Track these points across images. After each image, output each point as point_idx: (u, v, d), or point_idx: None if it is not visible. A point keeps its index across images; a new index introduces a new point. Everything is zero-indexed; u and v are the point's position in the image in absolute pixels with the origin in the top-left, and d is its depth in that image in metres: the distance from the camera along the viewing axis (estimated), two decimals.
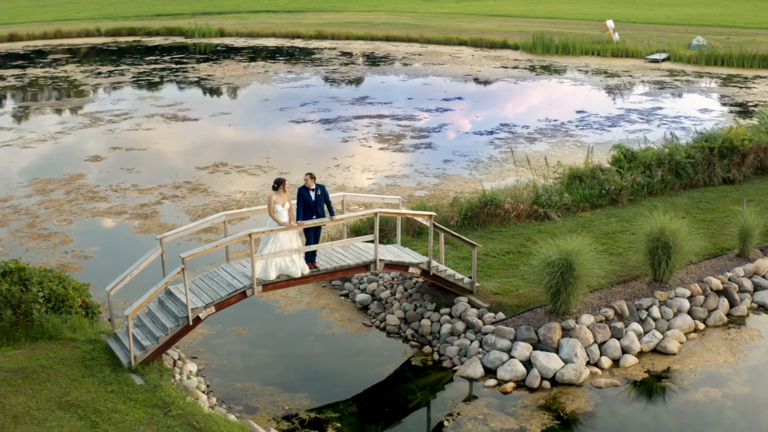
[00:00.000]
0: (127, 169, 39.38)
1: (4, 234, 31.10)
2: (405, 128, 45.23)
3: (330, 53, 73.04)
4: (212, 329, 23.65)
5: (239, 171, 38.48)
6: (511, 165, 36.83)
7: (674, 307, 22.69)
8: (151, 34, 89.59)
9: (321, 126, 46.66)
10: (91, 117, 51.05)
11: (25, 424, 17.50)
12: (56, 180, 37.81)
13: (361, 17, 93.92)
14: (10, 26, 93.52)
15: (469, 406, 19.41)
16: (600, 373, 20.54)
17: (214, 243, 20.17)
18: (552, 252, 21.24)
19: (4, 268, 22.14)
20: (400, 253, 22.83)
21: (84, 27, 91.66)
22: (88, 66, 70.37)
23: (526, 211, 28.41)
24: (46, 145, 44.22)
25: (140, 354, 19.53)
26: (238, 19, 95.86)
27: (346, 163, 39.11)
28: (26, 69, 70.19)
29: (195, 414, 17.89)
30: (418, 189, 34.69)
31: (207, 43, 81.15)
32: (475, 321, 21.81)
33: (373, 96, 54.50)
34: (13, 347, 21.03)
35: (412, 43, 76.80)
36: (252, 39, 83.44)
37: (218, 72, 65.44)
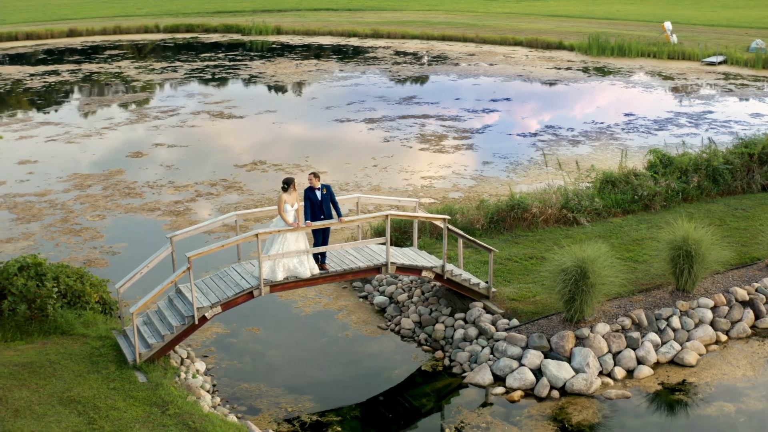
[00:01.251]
0: (166, 165, 39.65)
1: (37, 228, 31.50)
2: (448, 129, 44.86)
3: (384, 52, 72.88)
4: (227, 328, 23.63)
5: (276, 169, 38.49)
6: (549, 168, 36.23)
7: (696, 317, 22.03)
8: (209, 31, 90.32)
9: (364, 125, 46.49)
10: (138, 113, 51.59)
11: (24, 418, 17.61)
12: (95, 175, 38.22)
13: (420, 16, 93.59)
14: (70, 22, 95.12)
15: (473, 414, 19.07)
16: (612, 384, 20.04)
17: (219, 242, 20.10)
18: (566, 259, 20.72)
19: (21, 263, 22.34)
20: (414, 256, 22.54)
21: (143, 23, 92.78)
22: (143, 62, 71.22)
23: (554, 216, 27.87)
24: (90, 141, 44.77)
25: (145, 352, 19.55)
26: (296, 17, 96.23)
27: (384, 163, 38.89)
28: (81, 64, 71.27)
29: (192, 413, 17.84)
30: (453, 191, 34.33)
31: (263, 41, 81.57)
32: (488, 327, 21.43)
33: (421, 96, 54.19)
34: (26, 341, 21.22)
35: (467, 43, 76.26)
36: (308, 37, 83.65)
37: (270, 70, 65.71)
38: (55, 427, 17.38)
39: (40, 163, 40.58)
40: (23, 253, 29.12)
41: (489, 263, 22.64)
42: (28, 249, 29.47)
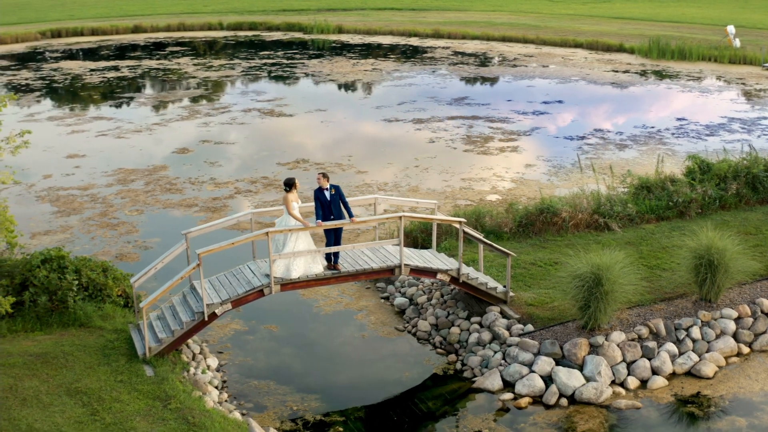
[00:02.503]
0: (210, 162, 40.03)
1: (76, 221, 32.05)
2: (496, 131, 44.51)
3: (442, 52, 72.63)
4: (245, 325, 23.78)
5: (318, 168, 38.58)
6: (592, 172, 35.67)
7: (717, 328, 21.49)
8: (272, 29, 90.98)
9: (412, 125, 46.39)
10: (190, 109, 52.20)
11: (30, 407, 17.93)
12: (139, 171, 38.75)
13: (483, 17, 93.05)
14: (136, 18, 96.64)
15: (477, 419, 18.89)
16: (623, 394, 19.66)
17: (230, 240, 20.23)
18: (580, 265, 20.38)
19: (45, 255, 22.74)
20: (431, 258, 22.38)
21: (207, 21, 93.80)
22: (202, 59, 72.03)
23: (585, 221, 27.47)
24: (139, 136, 45.43)
25: (155, 346, 19.76)
26: (360, 16, 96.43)
27: (426, 163, 38.76)
28: (142, 61, 72.36)
29: (193, 409, 17.97)
30: (491, 193, 34.06)
31: (324, 40, 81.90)
32: (502, 332, 21.20)
33: (473, 97, 53.88)
34: (45, 332, 21.61)
35: (527, 44, 75.57)
36: (369, 36, 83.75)
37: (326, 68, 65.95)
38: (59, 417, 17.65)
39: (88, 157, 41.28)
40: (59, 245, 29.62)
41: (507, 268, 22.36)
42: (64, 241, 29.99)
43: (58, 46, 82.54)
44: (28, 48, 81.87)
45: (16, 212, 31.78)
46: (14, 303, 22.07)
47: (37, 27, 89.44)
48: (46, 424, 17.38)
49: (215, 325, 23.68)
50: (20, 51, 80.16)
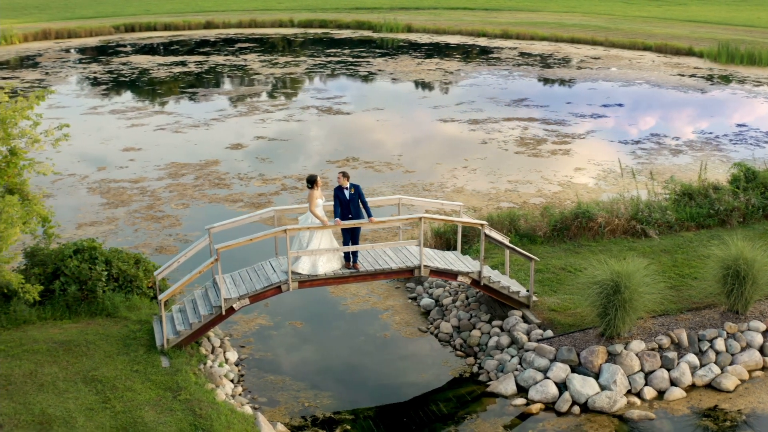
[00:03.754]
0: (261, 158, 40.45)
1: (122, 213, 32.70)
2: (550, 133, 44.10)
3: (509, 53, 72.18)
4: (271, 320, 24.02)
5: (366, 167, 38.75)
6: (642, 177, 35.12)
7: (743, 340, 20.99)
8: (342, 27, 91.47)
9: (466, 126, 46.24)
10: (249, 105, 52.79)
11: (46, 393, 18.41)
12: (191, 165, 39.35)
13: (554, 18, 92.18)
14: (209, 14, 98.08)
15: (486, 423, 18.80)
16: (638, 404, 19.34)
17: (248, 236, 20.44)
18: (599, 272, 20.11)
19: (77, 246, 23.26)
20: (454, 260, 22.30)
21: (278, 18, 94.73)
22: (269, 56, 72.74)
23: (622, 227, 27.06)
24: (196, 131, 46.13)
25: (173, 338, 20.09)
26: (431, 15, 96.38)
27: (475, 164, 38.63)
28: (210, 56, 73.41)
29: (202, 400, 18.24)
30: (536, 196, 33.79)
31: (393, 38, 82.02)
32: (520, 336, 21.03)
33: (533, 98, 53.44)
34: (73, 321, 22.14)
35: (595, 46, 74.61)
36: (437, 36, 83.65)
37: (390, 67, 66.08)
38: (72, 403, 18.08)
39: (143, 150, 42.07)
40: (102, 236, 30.34)
41: (530, 272, 22.16)
42: (108, 233, 30.64)
43: (130, 41, 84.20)
44: (101, 42, 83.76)
45: (66, 202, 32.74)
46: (44, 291, 22.65)
47: (112, 21, 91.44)
48: (58, 410, 17.80)
49: (241, 320, 23.97)
50: (93, 44, 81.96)
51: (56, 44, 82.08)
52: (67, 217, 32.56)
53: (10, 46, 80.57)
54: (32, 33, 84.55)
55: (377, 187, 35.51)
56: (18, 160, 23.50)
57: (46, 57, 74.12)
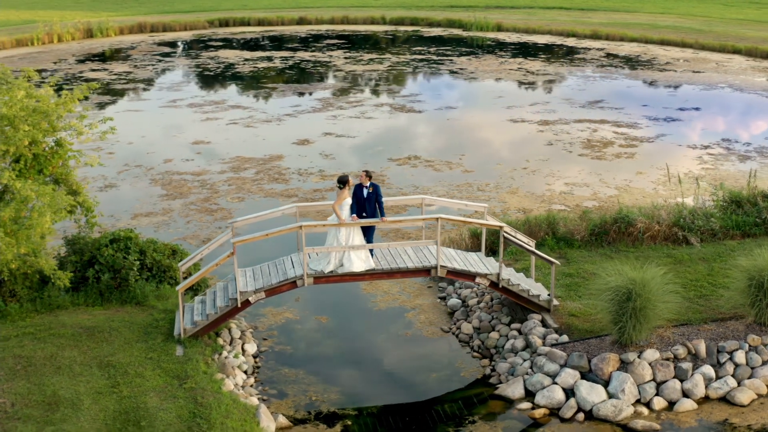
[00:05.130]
0: (325, 154, 40.93)
1: (178, 205, 33.56)
2: (619, 136, 43.40)
3: (595, 54, 71.08)
4: (299, 315, 24.42)
5: (426, 165, 38.85)
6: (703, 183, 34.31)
7: (765, 354, 20.41)
8: (432, 25, 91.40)
9: (535, 127, 45.87)
10: (324, 102, 53.38)
11: (61, 375, 19.20)
12: (255, 159, 40.06)
13: (648, 18, 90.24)
14: (304, 10, 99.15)
15: (487, 426, 18.83)
16: (646, 414, 19.04)
17: (264, 232, 20.84)
18: (613, 278, 19.84)
19: (114, 235, 24.05)
20: (475, 262, 22.26)
21: (370, 15, 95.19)
22: (354, 53, 73.26)
23: (664, 233, 26.56)
24: (268, 126, 46.92)
25: (190, 327, 20.64)
26: (525, 14, 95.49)
27: (535, 166, 38.37)
28: (296, 52, 74.34)
29: (206, 390, 18.73)
30: (590, 199, 33.40)
31: (481, 37, 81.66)
32: (534, 340, 20.90)
33: (609, 100, 52.59)
34: (104, 308, 22.96)
35: (684, 49, 72.85)
36: (526, 35, 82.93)
37: (471, 66, 65.87)
38: (83, 386, 18.81)
39: (212, 144, 43.02)
40: (155, 226, 31.23)
41: (551, 276, 21.99)
42: (161, 224, 31.50)
43: (222, 35, 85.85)
44: (194, 36, 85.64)
45: (127, 193, 33.79)
46: (80, 278, 23.47)
47: (208, 16, 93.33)
48: (69, 392, 18.53)
49: (270, 313, 24.44)
50: (185, 38, 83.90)
51: (150, 37, 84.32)
52: (125, 207, 33.58)
53: (105, 38, 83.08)
54: (128, 26, 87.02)
55: (431, 186, 35.57)
56: (63, 152, 24.33)
57: (138, 50, 76.24)
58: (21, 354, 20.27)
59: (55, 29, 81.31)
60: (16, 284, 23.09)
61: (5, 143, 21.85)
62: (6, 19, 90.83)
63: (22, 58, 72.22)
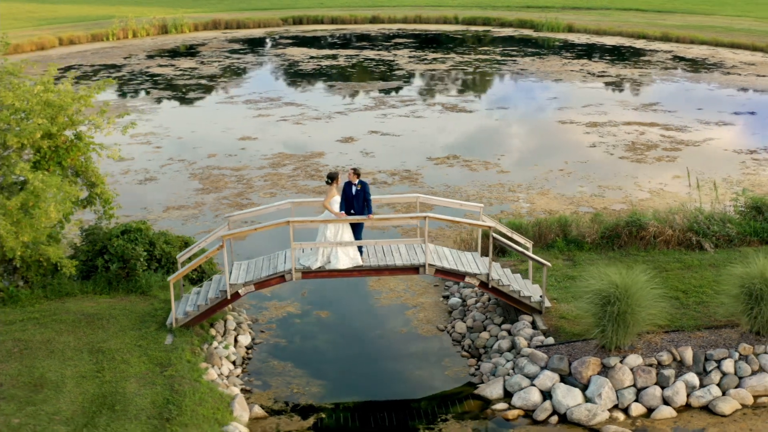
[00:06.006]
0: (365, 152, 41.31)
1: (211, 199, 34.30)
2: (665, 139, 42.75)
3: (662, 56, 69.85)
4: (300, 309, 24.84)
5: (464, 165, 38.93)
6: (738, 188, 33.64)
7: (755, 364, 20.00)
8: (504, 25, 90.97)
9: (582, 129, 45.47)
10: (378, 100, 53.73)
11: (52, 359, 19.99)
12: (296, 156, 40.64)
13: (725, 21, 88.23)
14: (378, 9, 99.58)
15: (458, 424, 18.97)
16: (621, 420, 18.89)
17: (253, 226, 21.25)
18: (594, 281, 19.73)
19: (126, 227, 24.79)
20: (468, 261, 22.30)
21: (443, 14, 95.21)
22: (420, 52, 73.41)
23: (677, 238, 26.18)
24: (316, 123, 47.53)
25: (182, 318, 21.23)
26: (599, 15, 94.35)
27: (572, 168, 38.14)
28: (363, 51, 74.84)
29: (184, 378, 19.28)
30: (619, 203, 33.08)
31: (551, 38, 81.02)
32: (519, 341, 20.89)
33: (664, 103, 51.73)
34: (110, 296, 23.72)
35: (754, 52, 71.05)
36: (596, 36, 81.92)
37: (533, 67, 65.46)
38: (70, 370, 19.53)
39: (258, 140, 43.76)
40: (184, 219, 32.00)
41: (543, 278, 21.93)
42: (190, 217, 32.26)
43: (294, 33, 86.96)
44: (266, 33, 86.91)
45: (165, 186, 34.73)
46: (91, 267, 24.25)
47: (283, 14, 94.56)
48: (55, 375, 19.26)
49: (272, 306, 24.89)
50: (257, 36, 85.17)
51: (223, 34, 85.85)
52: (160, 200, 34.46)
53: (179, 34, 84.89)
54: (203, 23, 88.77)
55: (462, 185, 35.66)
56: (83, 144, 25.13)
57: (209, 47, 77.74)
58: (21, 338, 21.09)
59: (131, 25, 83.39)
60: (30, 271, 23.92)
61: (17, 135, 22.64)
62: (86, 14, 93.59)
63: (95, 53, 74.39)
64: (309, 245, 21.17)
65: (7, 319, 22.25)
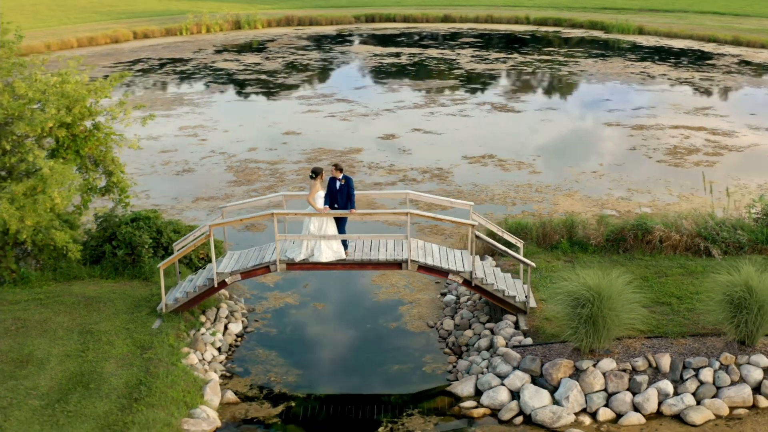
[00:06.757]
0: (403, 149, 41.63)
1: (240, 191, 35.19)
2: (709, 144, 42.02)
3: (728, 60, 68.29)
4: (299, 300, 25.32)
5: (497, 164, 38.95)
6: None
7: (736, 374, 19.69)
8: (575, 26, 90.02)
9: (627, 131, 44.98)
10: (429, 98, 53.97)
11: (43, 338, 20.97)
12: (334, 151, 41.21)
13: None
14: (450, 8, 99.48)
15: (421, 419, 19.23)
16: (586, 424, 18.88)
17: (239, 216, 21.79)
18: (566, 282, 19.73)
19: (136, 215, 25.66)
20: (455, 259, 22.46)
21: (514, 14, 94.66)
22: (483, 52, 73.27)
23: (685, 243, 25.89)
24: (362, 120, 48.09)
25: (171, 303, 21.95)
26: (675, 18, 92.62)
27: (605, 170, 37.86)
28: (426, 49, 75.07)
29: (161, 360, 19.99)
30: (646, 206, 32.78)
31: (619, 40, 79.94)
32: (497, 340, 21.00)
33: (717, 108, 50.71)
34: (115, 281, 24.62)
35: None
36: (666, 39, 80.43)
37: (594, 68, 64.81)
38: (57, 349, 20.45)
39: (301, 135, 44.48)
40: (209, 210, 32.78)
41: (527, 278, 21.98)
42: (215, 208, 32.97)
43: (365, 30, 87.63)
44: (336, 31, 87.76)
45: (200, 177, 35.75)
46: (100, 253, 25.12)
47: (356, 11, 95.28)
48: (42, 353, 20.16)
49: (272, 296, 25.45)
50: (327, 33, 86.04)
51: (294, 31, 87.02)
52: (192, 191, 35.37)
53: (251, 30, 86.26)
54: (276, 19, 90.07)
55: (489, 185, 35.72)
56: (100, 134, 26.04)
57: (277, 43, 78.94)
58: (21, 317, 22.07)
59: (204, 20, 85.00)
60: (43, 254, 24.88)
61: (29, 124, 23.58)
62: (165, 9, 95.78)
63: (166, 47, 76.23)
64: (294, 238, 21.59)
65: (14, 299, 23.22)
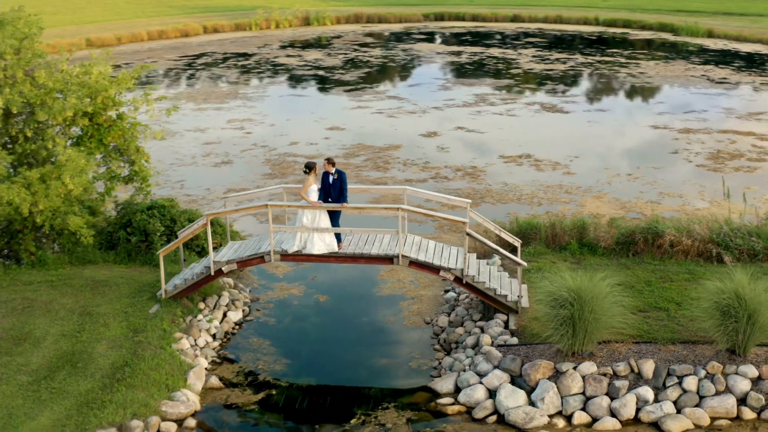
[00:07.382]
0: (441, 147, 41.82)
1: (273, 184, 35.74)
2: (754, 149, 41.22)
3: None
4: (303, 292, 25.76)
5: (533, 164, 38.88)
6: None
7: (721, 384, 19.36)
8: (645, 28, 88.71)
9: (673, 135, 44.37)
10: (479, 97, 53.99)
11: (44, 317, 21.85)
12: (373, 147, 41.62)
13: None
14: (520, 8, 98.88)
15: (394, 414, 19.42)
16: (560, 426, 18.86)
17: (234, 207, 22.29)
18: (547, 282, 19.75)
19: (153, 203, 26.43)
20: (450, 255, 22.59)
21: (583, 15, 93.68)
22: (545, 52, 72.81)
23: (697, 248, 25.58)
24: (408, 117, 48.48)
25: (170, 290, 22.62)
26: (749, 22, 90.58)
27: (642, 173, 37.49)
28: (489, 48, 74.95)
29: (150, 344, 20.68)
30: (674, 210, 32.43)
31: (687, 42, 78.63)
32: (482, 339, 21.12)
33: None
34: (127, 266, 25.46)
35: None
36: (735, 43, 78.68)
37: (653, 71, 63.89)
38: (55, 329, 21.33)
39: (345, 131, 45.06)
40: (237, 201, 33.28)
41: (518, 277, 22.03)
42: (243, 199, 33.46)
43: (433, 29, 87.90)
44: (404, 28, 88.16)
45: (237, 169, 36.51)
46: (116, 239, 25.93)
47: (425, 9, 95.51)
48: (40, 332, 21.01)
49: (279, 287, 25.94)
50: (395, 30, 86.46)
51: (362, 28, 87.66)
52: (225, 182, 36.11)
53: (319, 27, 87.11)
54: (345, 16, 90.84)
55: (519, 184, 35.67)
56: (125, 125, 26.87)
57: (342, 39, 79.59)
58: (30, 297, 22.97)
59: (274, 16, 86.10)
60: (61, 238, 25.77)
61: (47, 113, 24.47)
62: (237, 5, 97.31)
63: (233, 42, 77.56)
64: (287, 230, 21.99)
65: (28, 280, 24.13)
